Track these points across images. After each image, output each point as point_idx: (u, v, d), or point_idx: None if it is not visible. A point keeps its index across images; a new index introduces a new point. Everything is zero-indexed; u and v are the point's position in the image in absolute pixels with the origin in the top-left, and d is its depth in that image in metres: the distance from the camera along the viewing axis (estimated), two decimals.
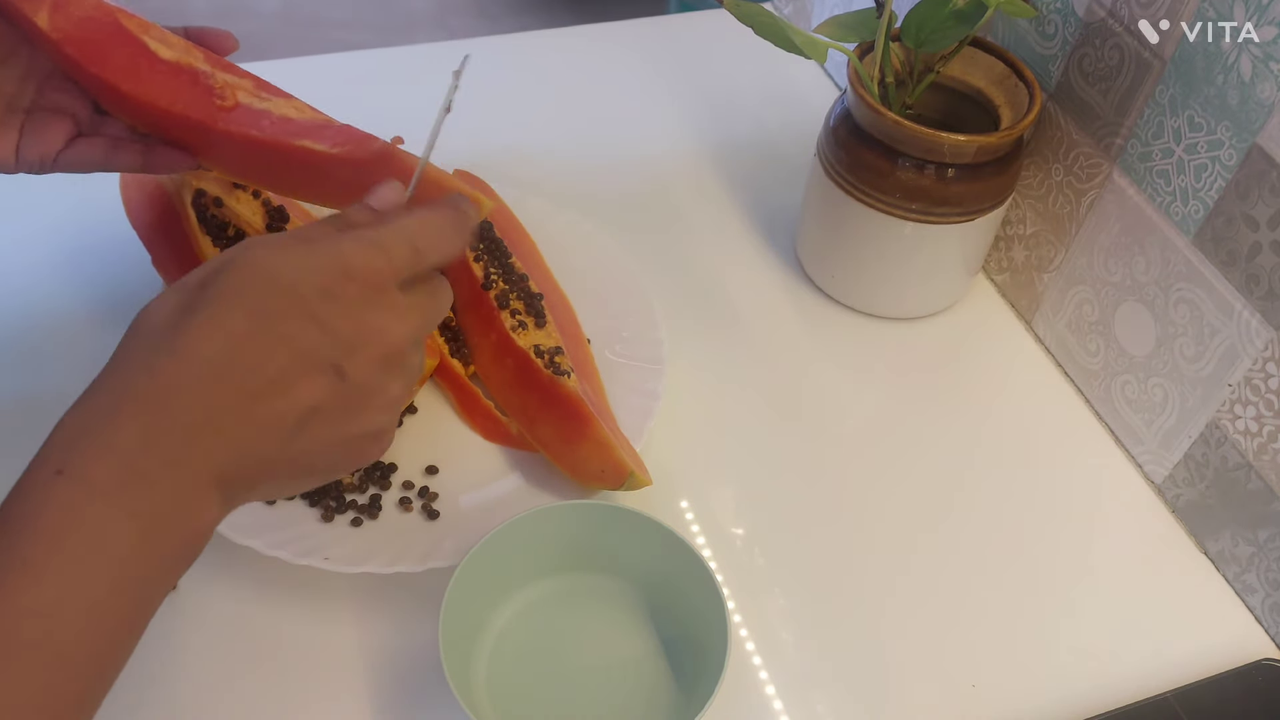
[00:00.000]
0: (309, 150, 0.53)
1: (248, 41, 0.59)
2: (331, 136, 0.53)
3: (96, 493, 0.35)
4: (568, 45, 0.96)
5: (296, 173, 0.55)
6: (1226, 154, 0.56)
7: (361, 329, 0.40)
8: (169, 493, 0.37)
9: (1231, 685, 0.56)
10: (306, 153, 0.53)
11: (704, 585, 0.52)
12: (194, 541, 0.38)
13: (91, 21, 0.51)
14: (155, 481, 0.36)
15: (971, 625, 0.59)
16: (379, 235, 0.42)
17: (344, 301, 0.40)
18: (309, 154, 0.53)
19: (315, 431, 0.40)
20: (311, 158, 0.53)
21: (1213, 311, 0.59)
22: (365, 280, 0.40)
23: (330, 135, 0.54)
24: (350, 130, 0.54)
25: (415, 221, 0.43)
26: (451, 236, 0.44)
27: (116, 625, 0.37)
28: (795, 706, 0.55)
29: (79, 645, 0.35)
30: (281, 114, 0.54)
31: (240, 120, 0.54)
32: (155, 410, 0.37)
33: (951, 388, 0.71)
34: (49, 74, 0.53)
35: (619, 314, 0.69)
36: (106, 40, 0.51)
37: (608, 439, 0.58)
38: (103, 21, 0.51)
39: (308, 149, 0.53)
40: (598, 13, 1.16)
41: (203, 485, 0.38)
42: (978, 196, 0.66)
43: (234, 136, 0.53)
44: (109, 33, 0.52)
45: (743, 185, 0.83)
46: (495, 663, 0.54)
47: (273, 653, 0.55)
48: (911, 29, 0.64)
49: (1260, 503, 0.58)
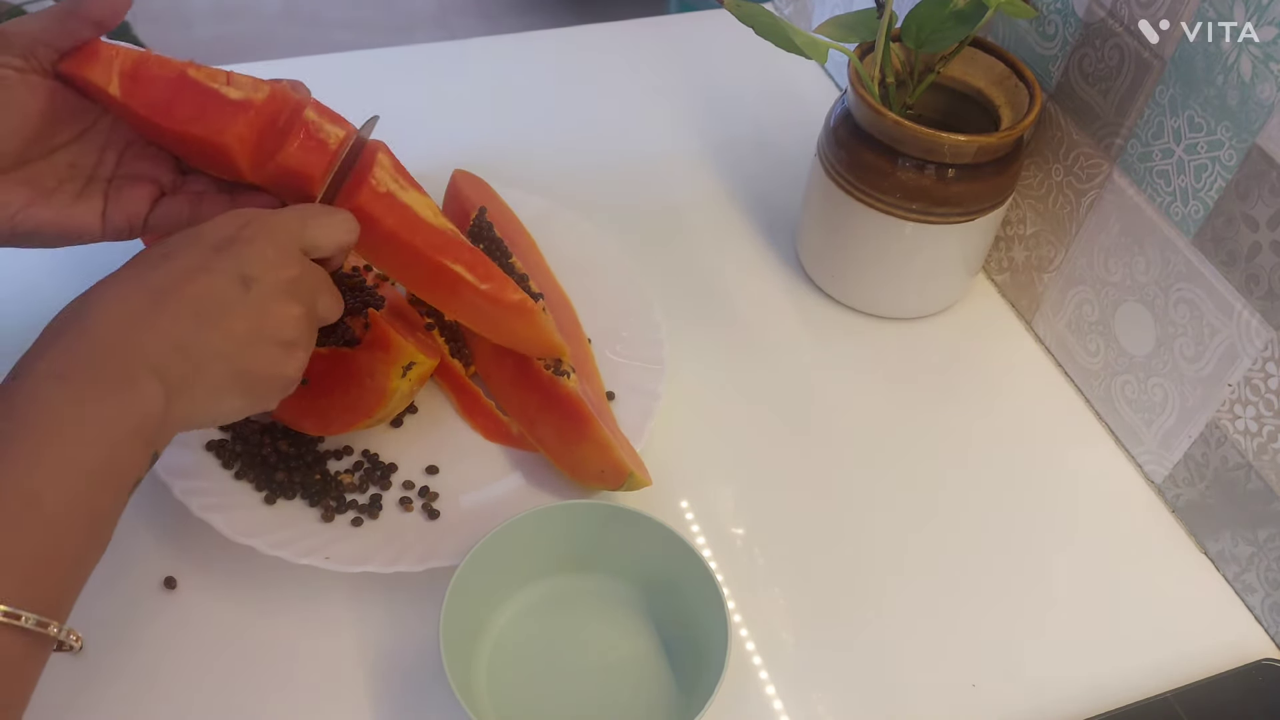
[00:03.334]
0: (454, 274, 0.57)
1: (248, 41, 0.59)
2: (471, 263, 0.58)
3: (44, 377, 0.42)
4: (568, 45, 0.96)
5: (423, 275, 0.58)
6: (1226, 154, 0.56)
7: (260, 254, 0.48)
8: (111, 377, 0.43)
9: (1231, 685, 0.56)
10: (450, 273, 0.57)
11: (704, 585, 0.52)
12: (147, 426, 0.43)
13: (160, 80, 0.53)
14: (96, 367, 0.43)
15: (971, 625, 0.59)
16: (281, 209, 0.51)
17: (243, 236, 0.48)
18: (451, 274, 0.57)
19: (230, 327, 0.46)
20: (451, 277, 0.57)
21: (1213, 311, 0.59)
22: (261, 224, 0.48)
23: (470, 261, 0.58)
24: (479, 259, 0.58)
25: (311, 204, 0.52)
26: (340, 227, 0.52)
27: (98, 491, 0.42)
28: (795, 706, 0.55)
29: (69, 509, 0.40)
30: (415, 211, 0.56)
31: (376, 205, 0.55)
32: (84, 330, 0.43)
33: (951, 388, 0.71)
34: (129, 143, 0.55)
35: (619, 314, 0.69)
36: (177, 95, 0.53)
37: (607, 439, 0.58)
38: (171, 79, 0.53)
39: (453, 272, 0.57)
40: (598, 13, 1.16)
41: (140, 370, 0.43)
42: (978, 196, 0.66)
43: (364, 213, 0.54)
44: (178, 87, 0.53)
45: (743, 185, 0.83)
46: (495, 663, 0.54)
47: (273, 652, 0.55)
48: (912, 29, 0.64)
49: (1260, 503, 0.58)
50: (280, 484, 0.59)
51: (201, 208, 0.55)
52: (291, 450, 0.60)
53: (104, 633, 0.54)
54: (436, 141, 0.83)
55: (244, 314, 0.46)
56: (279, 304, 0.48)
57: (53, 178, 0.52)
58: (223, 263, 0.46)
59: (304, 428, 0.60)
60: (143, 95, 0.52)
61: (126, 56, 0.52)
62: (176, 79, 0.53)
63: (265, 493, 0.58)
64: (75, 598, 0.42)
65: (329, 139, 0.54)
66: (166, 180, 0.55)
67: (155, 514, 0.58)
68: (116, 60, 0.52)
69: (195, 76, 0.53)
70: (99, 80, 0.51)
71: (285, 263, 0.48)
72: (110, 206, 0.53)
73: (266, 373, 0.48)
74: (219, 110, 0.53)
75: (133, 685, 0.53)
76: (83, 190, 0.53)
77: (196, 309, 0.45)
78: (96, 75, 0.51)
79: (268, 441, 0.60)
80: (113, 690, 0.53)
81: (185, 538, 0.58)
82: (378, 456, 0.62)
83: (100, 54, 0.52)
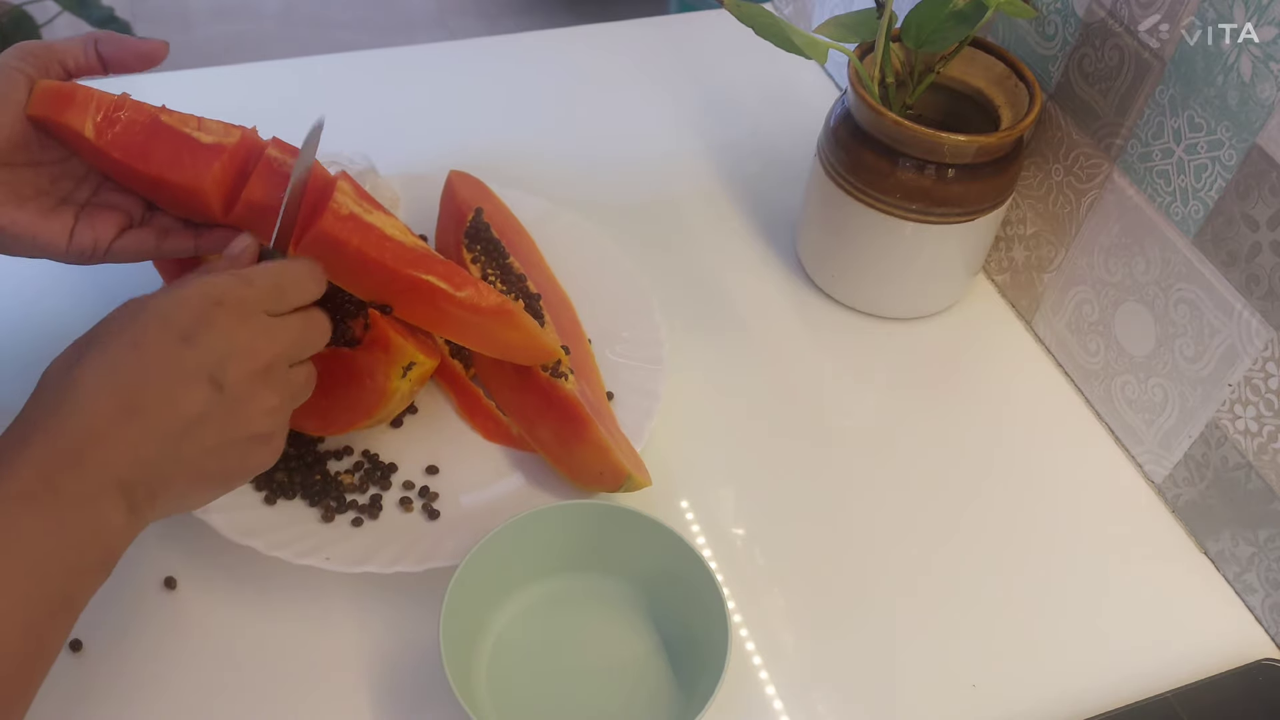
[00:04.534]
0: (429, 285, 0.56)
1: (249, 41, 0.59)
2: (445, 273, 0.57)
3: (11, 499, 0.41)
4: (568, 45, 0.96)
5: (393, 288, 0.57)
6: (1226, 154, 0.56)
7: (232, 345, 0.46)
8: (74, 496, 0.42)
9: (1231, 685, 0.56)
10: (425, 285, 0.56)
11: (704, 585, 0.52)
12: (106, 545, 0.43)
13: (135, 126, 0.53)
14: (60, 487, 0.42)
15: (971, 625, 0.59)
16: (246, 272, 0.48)
17: (214, 324, 0.45)
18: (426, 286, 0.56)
19: (201, 438, 0.45)
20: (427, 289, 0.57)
21: (1213, 311, 0.59)
22: (232, 306, 0.46)
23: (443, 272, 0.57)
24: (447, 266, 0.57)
25: (279, 264, 0.50)
26: (309, 280, 0.51)
27: (39, 620, 0.41)
28: (795, 706, 0.55)
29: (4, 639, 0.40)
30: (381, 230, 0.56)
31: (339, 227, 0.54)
32: (56, 432, 0.42)
33: (951, 388, 0.71)
34: (107, 176, 0.56)
35: (619, 314, 0.69)
36: (152, 140, 0.53)
37: (605, 441, 0.58)
38: (145, 124, 0.54)
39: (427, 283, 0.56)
40: (598, 13, 1.16)
41: (105, 489, 0.43)
42: (978, 197, 0.66)
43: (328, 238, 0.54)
44: (153, 133, 0.54)
45: (743, 185, 0.83)
46: (495, 663, 0.54)
47: (273, 652, 0.55)
48: (911, 29, 0.64)
49: (1260, 503, 0.58)
50: (280, 484, 0.59)
51: (166, 241, 0.56)
52: (291, 450, 0.60)
53: (104, 633, 0.54)
54: (435, 141, 0.83)
55: (216, 422, 0.45)
56: (253, 400, 0.46)
57: (31, 187, 0.53)
58: (192, 361, 0.45)
59: (304, 428, 0.60)
60: (119, 141, 0.53)
61: (102, 101, 0.53)
62: (150, 124, 0.54)
63: (265, 493, 0.58)
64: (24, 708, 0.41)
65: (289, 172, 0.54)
66: (136, 214, 0.56)
67: None
68: (92, 105, 0.53)
69: (168, 122, 0.54)
70: (74, 124, 0.52)
71: (257, 347, 0.46)
72: (79, 226, 0.54)
73: (238, 469, 0.48)
74: (194, 156, 0.53)
75: (133, 685, 0.53)
76: (56, 207, 0.54)
77: (165, 426, 0.44)
78: (72, 120, 0.52)
79: None
80: (113, 690, 0.53)
81: (185, 538, 0.58)
82: (378, 457, 0.62)
83: (76, 98, 0.52)
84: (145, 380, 0.44)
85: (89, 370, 0.44)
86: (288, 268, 0.50)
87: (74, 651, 0.54)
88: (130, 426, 0.43)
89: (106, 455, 0.43)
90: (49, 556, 0.41)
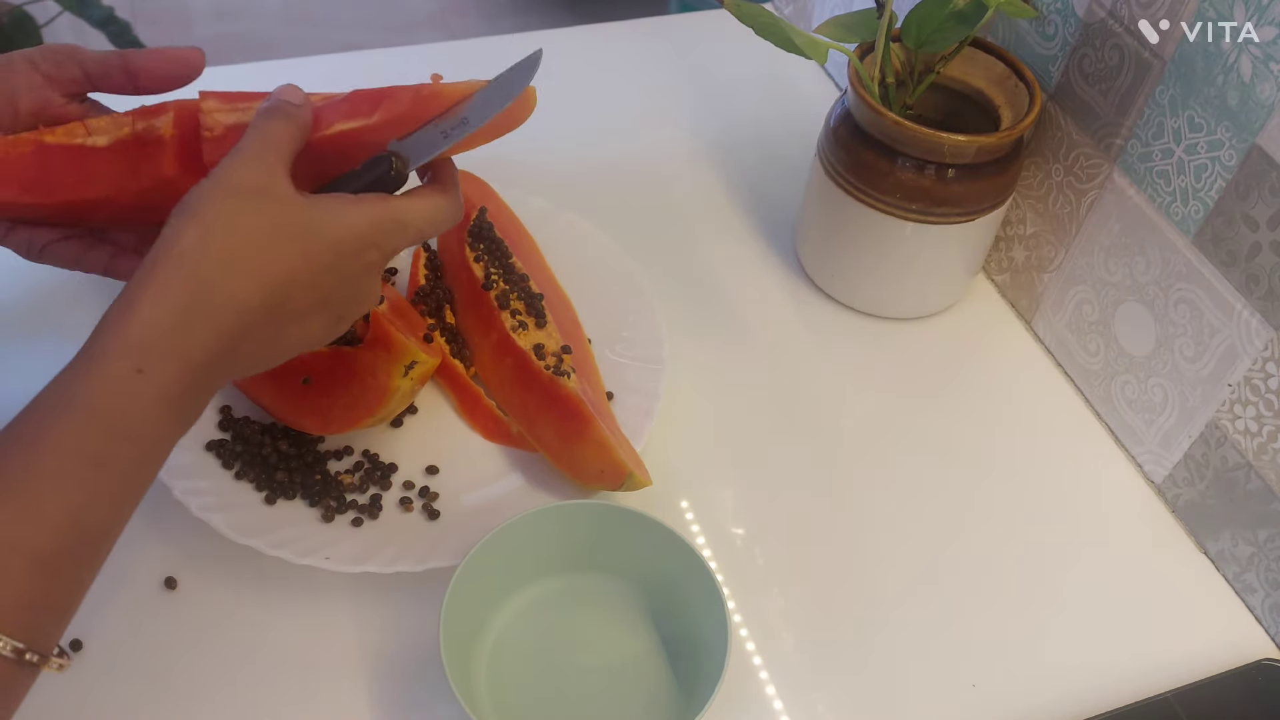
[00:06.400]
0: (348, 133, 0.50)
1: (249, 41, 0.59)
2: (358, 107, 0.50)
3: (166, 398, 0.41)
4: (568, 45, 0.96)
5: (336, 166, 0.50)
6: (1226, 154, 0.56)
7: (365, 291, 0.48)
8: (204, 402, 0.44)
9: (1231, 685, 0.56)
10: (345, 138, 0.50)
11: (704, 585, 0.52)
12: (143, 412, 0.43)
13: (21, 159, 0.49)
14: (201, 400, 0.44)
15: (971, 625, 0.59)
16: (406, 215, 0.48)
17: (366, 266, 0.47)
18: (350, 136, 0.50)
19: (293, 343, 0.47)
20: (356, 139, 0.50)
21: (1213, 311, 0.59)
22: (384, 251, 0.48)
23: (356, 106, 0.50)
24: (367, 93, 0.50)
25: (431, 207, 0.50)
26: (449, 223, 0.51)
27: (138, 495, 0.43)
28: (795, 706, 0.55)
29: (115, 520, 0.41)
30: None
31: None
32: (226, 338, 0.43)
33: (951, 388, 0.71)
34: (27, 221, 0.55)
35: (619, 314, 0.69)
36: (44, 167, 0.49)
37: (607, 439, 0.58)
38: (30, 153, 0.49)
39: (347, 132, 0.49)
40: (598, 13, 1.16)
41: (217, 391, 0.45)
42: (978, 197, 0.66)
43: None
44: (41, 158, 0.49)
45: (743, 185, 0.83)
46: (495, 662, 0.54)
47: (273, 652, 0.55)
48: (912, 29, 0.64)
49: (1260, 503, 0.58)
50: (280, 484, 0.59)
51: (88, 255, 0.55)
52: (291, 450, 0.60)
53: (104, 633, 0.54)
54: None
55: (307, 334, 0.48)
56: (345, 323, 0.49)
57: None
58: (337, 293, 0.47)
59: (305, 427, 0.60)
60: (14, 180, 0.48)
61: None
62: (37, 150, 0.49)
63: (265, 493, 0.58)
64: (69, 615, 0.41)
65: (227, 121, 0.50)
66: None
67: (155, 514, 0.58)
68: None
69: (53, 141, 0.50)
70: None
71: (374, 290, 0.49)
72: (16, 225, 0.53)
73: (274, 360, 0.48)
74: (99, 163, 0.49)
75: (133, 685, 0.53)
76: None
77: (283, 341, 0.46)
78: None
79: (268, 441, 0.60)
80: (113, 690, 0.53)
81: (185, 538, 0.58)
82: (378, 456, 0.62)
83: None
84: (297, 301, 0.45)
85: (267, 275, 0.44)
86: (439, 210, 0.50)
87: (74, 651, 0.54)
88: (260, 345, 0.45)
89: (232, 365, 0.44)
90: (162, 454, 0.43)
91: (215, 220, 0.43)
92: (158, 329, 0.41)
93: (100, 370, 0.40)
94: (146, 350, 0.41)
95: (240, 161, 0.45)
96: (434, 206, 0.50)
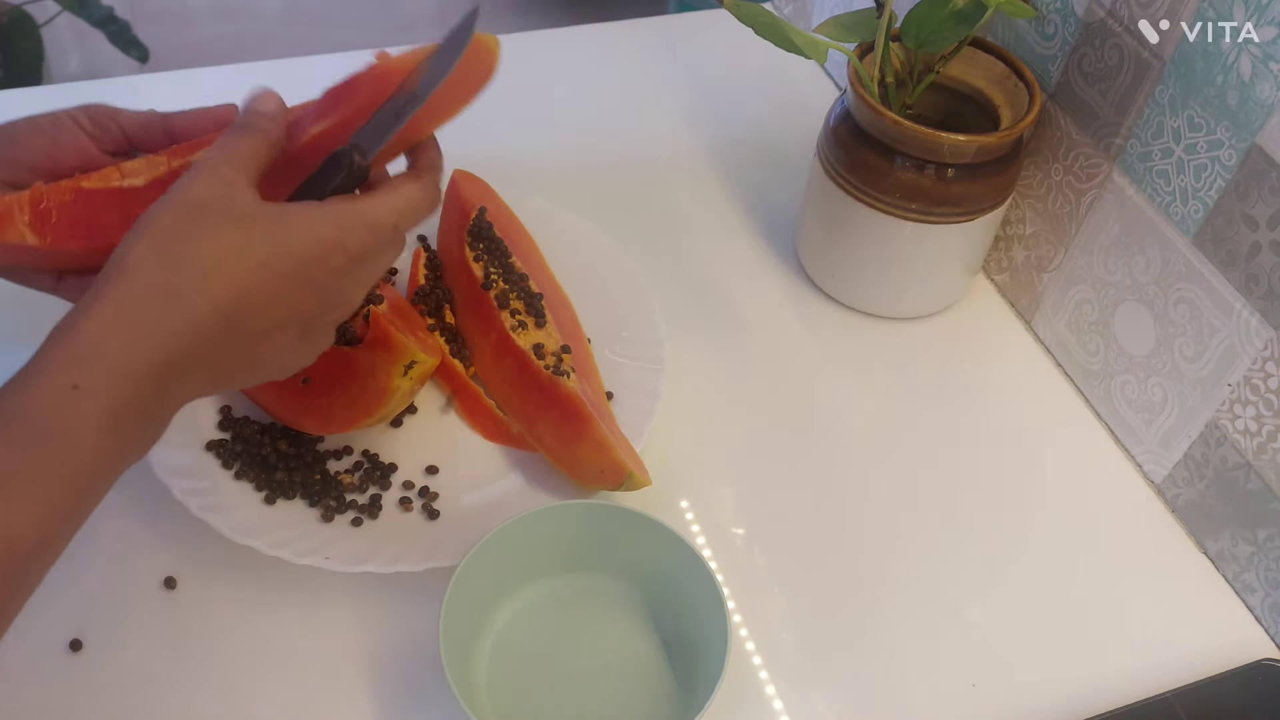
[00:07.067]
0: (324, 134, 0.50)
1: (249, 41, 0.59)
2: (327, 107, 0.50)
3: (106, 412, 0.40)
4: (568, 45, 0.96)
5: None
6: (1226, 154, 0.56)
7: (341, 298, 0.47)
8: (157, 418, 0.43)
9: (1231, 685, 0.56)
10: (321, 140, 0.50)
11: (704, 585, 0.52)
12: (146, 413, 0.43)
13: (65, 206, 0.50)
14: (151, 415, 0.43)
15: (971, 625, 0.59)
16: (374, 213, 0.47)
17: (335, 271, 0.46)
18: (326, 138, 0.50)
19: (265, 358, 0.46)
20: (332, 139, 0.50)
21: (1212, 311, 0.59)
22: (353, 254, 0.46)
23: (326, 106, 0.50)
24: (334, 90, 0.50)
25: (402, 199, 0.48)
26: (427, 212, 0.50)
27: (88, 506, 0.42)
28: (795, 706, 0.55)
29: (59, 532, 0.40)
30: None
31: None
32: (173, 351, 0.42)
33: (951, 388, 0.71)
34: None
35: (619, 314, 0.69)
36: (89, 212, 0.50)
37: (606, 439, 0.58)
38: (72, 201, 0.50)
39: (321, 134, 0.50)
40: (598, 13, 1.16)
41: (176, 410, 0.44)
42: (978, 196, 0.66)
43: None
44: (86, 204, 0.50)
45: (743, 185, 0.83)
46: (495, 663, 0.54)
47: (273, 652, 0.55)
48: (911, 29, 0.64)
49: (1260, 502, 0.58)
50: (280, 484, 0.59)
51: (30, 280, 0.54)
52: (291, 450, 0.60)
53: (104, 633, 0.54)
54: None
55: (285, 352, 0.47)
56: (323, 342, 0.49)
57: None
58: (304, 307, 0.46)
59: (304, 427, 0.60)
60: (65, 229, 0.49)
61: (21, 201, 0.49)
62: (80, 197, 0.50)
63: (265, 493, 0.58)
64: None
65: None
66: None
67: (155, 514, 0.58)
68: (15, 209, 0.49)
69: (92, 186, 0.51)
70: (13, 238, 0.49)
71: (354, 294, 0.48)
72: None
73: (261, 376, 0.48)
74: (137, 205, 0.49)
75: (133, 685, 0.53)
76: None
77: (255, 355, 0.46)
78: (9, 234, 0.49)
79: (268, 441, 0.60)
80: (113, 690, 0.53)
81: (185, 538, 0.58)
82: (378, 456, 0.62)
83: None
84: (263, 315, 0.44)
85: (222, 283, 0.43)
86: (411, 201, 0.49)
87: (74, 651, 0.54)
88: (229, 357, 0.44)
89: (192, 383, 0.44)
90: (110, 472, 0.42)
91: (162, 234, 0.43)
92: (96, 342, 0.41)
93: (39, 383, 0.40)
94: (82, 363, 0.40)
95: (194, 177, 0.45)
96: (405, 197, 0.48)
